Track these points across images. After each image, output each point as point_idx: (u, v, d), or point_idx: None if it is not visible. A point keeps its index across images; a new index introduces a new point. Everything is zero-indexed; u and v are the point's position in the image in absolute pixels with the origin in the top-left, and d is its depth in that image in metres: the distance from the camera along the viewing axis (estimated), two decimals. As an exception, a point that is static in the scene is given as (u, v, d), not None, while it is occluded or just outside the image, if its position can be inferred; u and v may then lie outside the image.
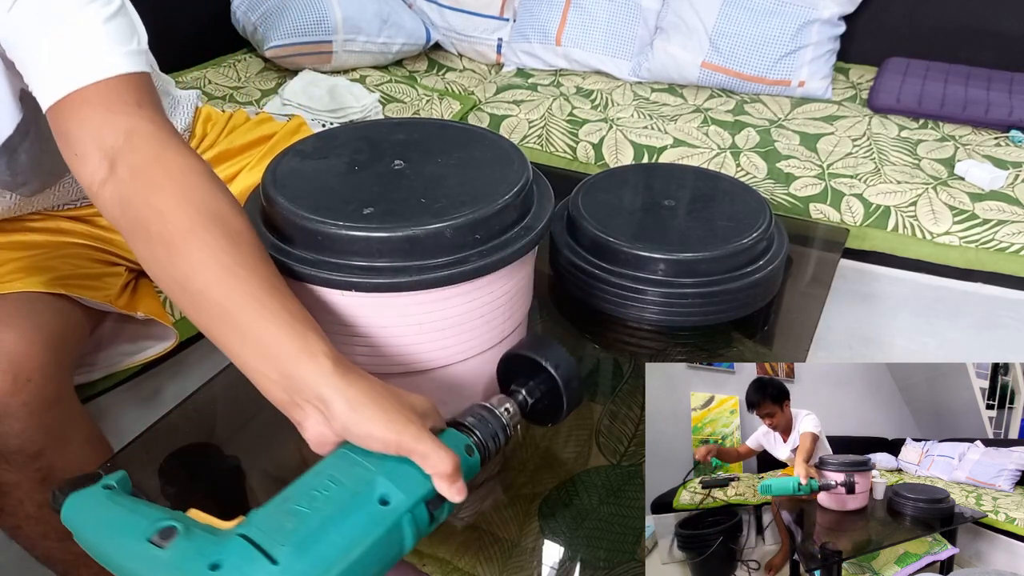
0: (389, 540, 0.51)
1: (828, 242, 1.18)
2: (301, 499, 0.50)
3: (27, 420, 0.77)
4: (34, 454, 0.79)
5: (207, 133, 1.09)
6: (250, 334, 0.55)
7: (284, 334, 0.54)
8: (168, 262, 0.58)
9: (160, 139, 0.63)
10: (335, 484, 0.51)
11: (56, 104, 0.64)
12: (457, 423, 0.60)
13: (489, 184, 0.68)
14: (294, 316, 0.56)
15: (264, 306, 0.55)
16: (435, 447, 0.52)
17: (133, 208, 0.60)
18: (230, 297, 0.56)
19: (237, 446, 0.77)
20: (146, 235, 0.59)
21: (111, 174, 0.61)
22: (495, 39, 1.93)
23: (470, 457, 0.57)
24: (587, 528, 0.66)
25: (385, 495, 0.51)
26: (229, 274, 0.56)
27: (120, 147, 0.62)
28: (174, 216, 0.58)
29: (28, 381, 0.76)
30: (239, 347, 0.56)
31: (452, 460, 0.52)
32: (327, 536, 0.48)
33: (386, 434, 0.52)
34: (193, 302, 0.58)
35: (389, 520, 0.50)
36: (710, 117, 1.59)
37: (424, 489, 0.52)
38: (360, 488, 0.51)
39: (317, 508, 0.49)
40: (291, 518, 0.49)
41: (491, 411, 0.62)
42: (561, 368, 0.64)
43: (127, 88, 0.65)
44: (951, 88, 1.63)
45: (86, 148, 0.63)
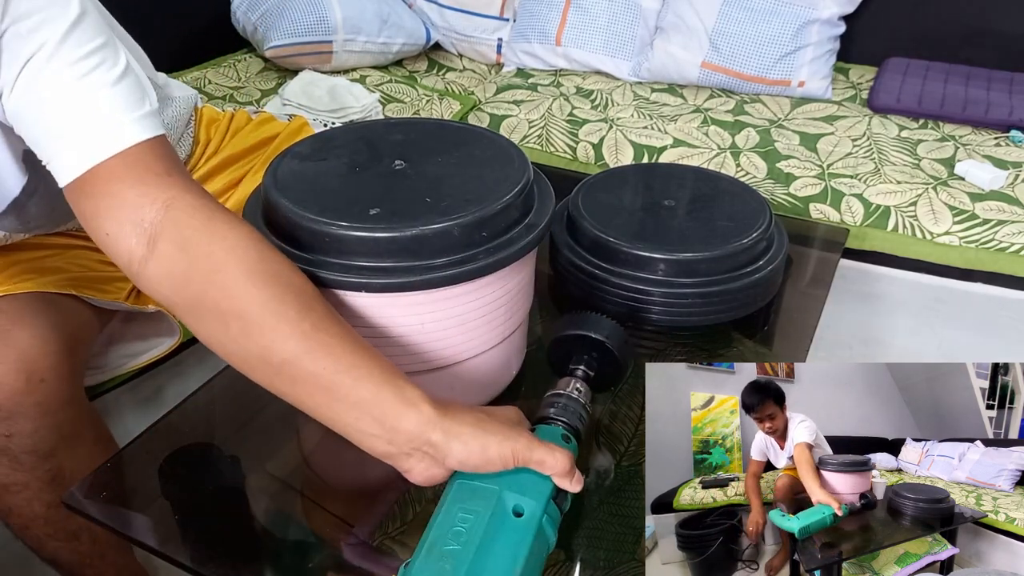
0: (539, 545, 0.54)
1: (828, 242, 1.18)
2: (447, 539, 0.52)
3: (40, 420, 0.77)
4: (45, 454, 0.78)
5: (211, 138, 1.09)
6: (347, 397, 0.56)
7: (381, 391, 0.55)
8: (244, 337, 0.57)
9: (202, 208, 0.60)
10: (471, 515, 0.54)
11: (76, 182, 0.61)
12: (541, 418, 0.64)
13: (491, 183, 0.68)
14: (383, 369, 0.57)
15: (354, 366, 0.56)
16: (548, 450, 0.56)
17: (193, 285, 0.58)
18: (319, 363, 0.55)
19: (237, 446, 0.77)
20: (213, 313, 0.57)
21: (152, 252, 0.58)
22: (495, 39, 1.93)
23: (569, 444, 0.62)
24: (587, 528, 0.66)
25: (517, 506, 0.55)
26: (312, 341, 0.56)
27: (161, 222, 0.59)
28: (243, 290, 0.56)
29: (41, 381, 0.76)
30: (336, 411, 0.56)
31: (566, 457, 0.56)
32: (488, 563, 0.51)
33: (502, 453, 0.55)
34: (279, 373, 0.57)
35: (532, 528, 0.54)
36: (710, 117, 1.59)
37: (547, 489, 0.56)
38: (494, 509, 0.54)
39: (467, 542, 0.52)
40: (448, 559, 0.51)
41: (566, 396, 0.66)
42: (611, 336, 0.69)
43: (152, 156, 0.62)
44: (951, 88, 1.63)
45: (120, 227, 0.59)
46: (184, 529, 0.68)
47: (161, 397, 1.09)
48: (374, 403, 0.55)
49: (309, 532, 0.69)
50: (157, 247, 0.58)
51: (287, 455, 0.77)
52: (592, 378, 0.70)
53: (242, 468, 0.75)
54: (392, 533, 0.66)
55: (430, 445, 0.55)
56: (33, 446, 0.77)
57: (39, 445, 0.78)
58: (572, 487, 0.57)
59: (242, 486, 0.73)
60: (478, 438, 0.55)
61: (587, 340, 0.70)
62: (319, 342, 0.56)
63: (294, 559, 0.66)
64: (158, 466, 0.73)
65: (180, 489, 0.71)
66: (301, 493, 0.73)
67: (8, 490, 0.80)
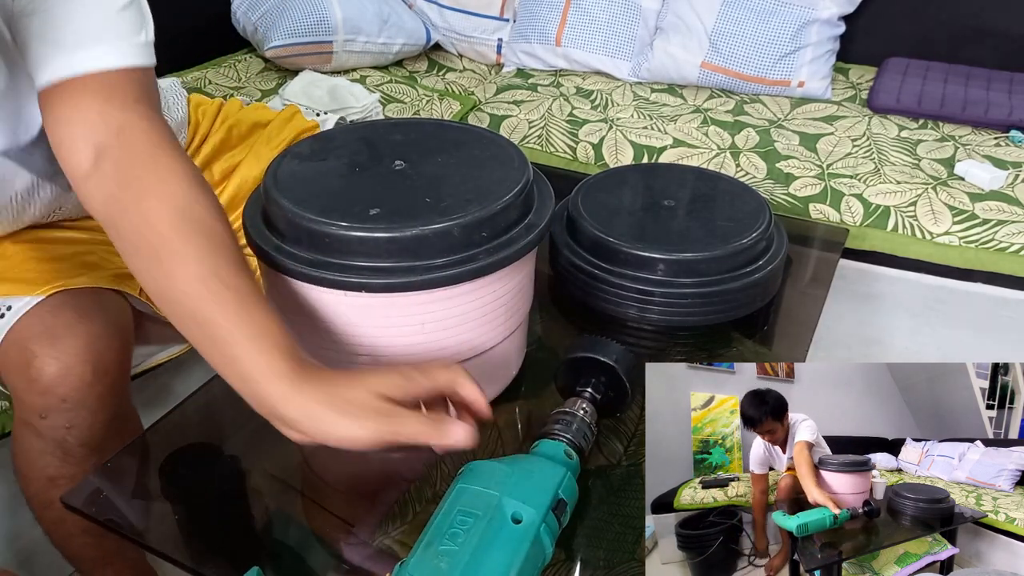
0: (535, 553, 0.54)
1: (828, 242, 1.18)
2: (444, 540, 0.53)
3: (99, 413, 0.77)
4: (96, 448, 0.79)
5: (200, 120, 1.09)
6: (223, 351, 0.56)
7: (250, 354, 0.55)
8: (152, 268, 0.58)
9: (152, 139, 0.63)
10: (470, 517, 0.54)
11: (53, 86, 0.63)
12: (546, 434, 0.65)
13: (491, 182, 0.68)
14: (262, 332, 0.56)
15: (237, 323, 0.56)
16: (419, 423, 0.53)
17: (119, 207, 0.60)
18: (207, 310, 0.56)
19: (237, 446, 0.77)
20: (132, 236, 0.60)
21: (95, 169, 0.61)
22: (495, 39, 1.94)
23: (571, 460, 0.63)
24: (587, 528, 0.66)
25: (516, 513, 0.55)
26: (206, 287, 0.56)
27: (110, 143, 0.61)
28: (159, 223, 0.59)
29: (106, 373, 0.77)
30: (216, 361, 0.57)
31: (446, 423, 0.55)
32: (483, 566, 0.51)
33: (361, 434, 0.53)
34: (173, 310, 0.58)
35: (529, 535, 0.54)
36: (710, 117, 1.59)
37: (548, 498, 0.57)
38: (493, 514, 0.54)
39: (463, 544, 0.52)
40: (444, 559, 0.51)
41: (572, 414, 0.67)
42: (620, 361, 0.70)
43: (128, 82, 0.64)
44: (951, 88, 1.63)
45: (75, 139, 0.62)
46: (184, 529, 0.68)
47: (161, 397, 1.09)
48: (242, 364, 0.55)
49: (309, 532, 0.69)
50: (100, 165, 0.61)
51: (287, 455, 0.77)
52: (598, 401, 0.70)
53: (242, 468, 0.75)
54: (392, 533, 0.66)
55: (283, 421, 0.54)
56: (88, 439, 0.78)
57: (93, 438, 0.78)
58: (466, 440, 0.55)
59: (242, 486, 0.73)
60: (328, 418, 0.53)
61: (597, 364, 0.70)
62: (212, 290, 0.56)
63: (294, 559, 0.66)
64: (158, 466, 0.73)
65: (180, 489, 0.71)
66: (301, 493, 0.73)
67: (55, 483, 0.80)
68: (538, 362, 0.84)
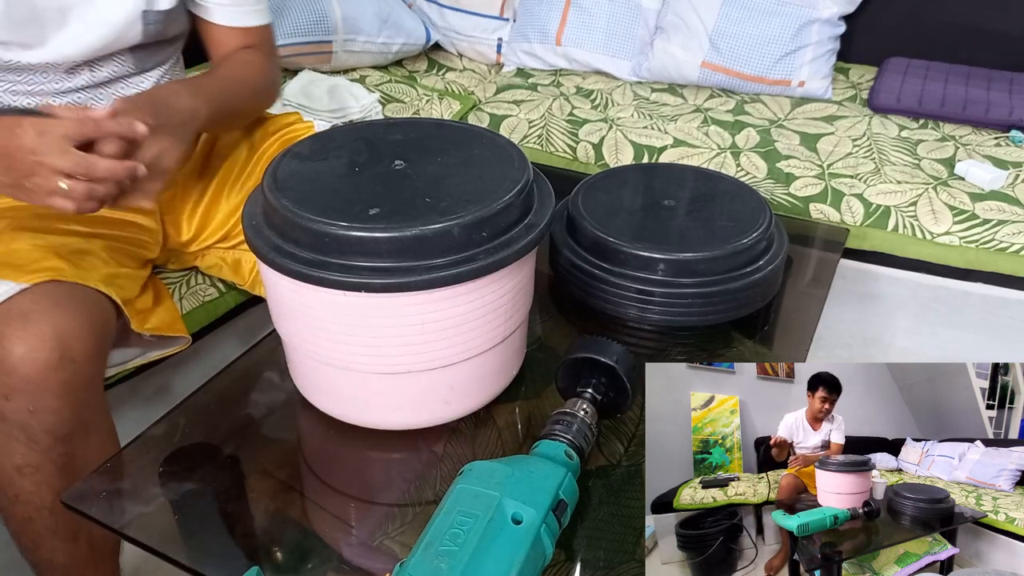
0: (535, 553, 0.55)
1: (828, 242, 1.18)
2: (444, 540, 0.53)
3: (63, 399, 0.77)
4: (63, 436, 0.79)
5: None
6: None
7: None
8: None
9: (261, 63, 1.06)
10: (470, 518, 0.54)
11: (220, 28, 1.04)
12: (546, 434, 0.65)
13: (491, 182, 0.68)
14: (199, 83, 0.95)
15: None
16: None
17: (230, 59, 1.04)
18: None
19: (237, 446, 0.77)
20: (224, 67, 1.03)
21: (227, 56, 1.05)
22: (495, 39, 1.93)
23: (571, 461, 0.63)
24: (587, 528, 0.66)
25: (516, 514, 0.55)
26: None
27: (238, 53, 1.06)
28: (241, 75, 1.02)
29: (72, 361, 0.77)
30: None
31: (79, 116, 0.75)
32: (483, 567, 0.52)
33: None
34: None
35: (530, 536, 0.55)
36: (710, 117, 1.59)
37: (548, 498, 0.57)
38: (493, 515, 0.55)
39: (463, 544, 0.53)
40: (444, 559, 0.52)
41: (572, 415, 0.67)
42: (621, 362, 0.70)
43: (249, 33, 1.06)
44: (951, 88, 1.63)
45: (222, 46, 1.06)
46: (184, 529, 0.68)
47: (162, 396, 1.09)
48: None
49: (309, 532, 0.69)
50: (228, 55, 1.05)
51: (287, 455, 0.77)
52: (599, 402, 0.71)
53: (242, 468, 0.75)
54: (392, 533, 0.66)
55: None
56: (53, 425, 0.78)
57: (58, 425, 0.78)
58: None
59: (242, 486, 0.73)
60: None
61: (597, 364, 0.71)
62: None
63: (294, 559, 0.66)
64: (158, 466, 0.73)
65: (180, 489, 0.71)
66: (301, 493, 0.73)
67: (21, 472, 0.80)
68: (538, 362, 0.84)
